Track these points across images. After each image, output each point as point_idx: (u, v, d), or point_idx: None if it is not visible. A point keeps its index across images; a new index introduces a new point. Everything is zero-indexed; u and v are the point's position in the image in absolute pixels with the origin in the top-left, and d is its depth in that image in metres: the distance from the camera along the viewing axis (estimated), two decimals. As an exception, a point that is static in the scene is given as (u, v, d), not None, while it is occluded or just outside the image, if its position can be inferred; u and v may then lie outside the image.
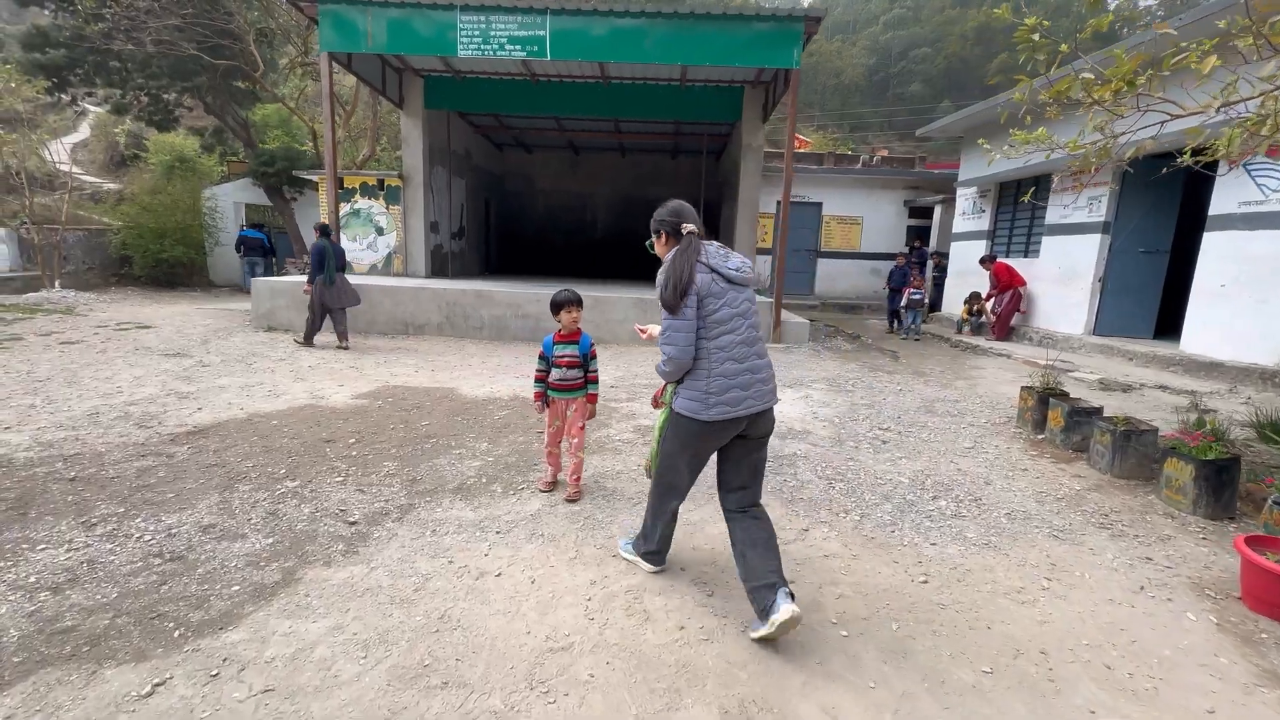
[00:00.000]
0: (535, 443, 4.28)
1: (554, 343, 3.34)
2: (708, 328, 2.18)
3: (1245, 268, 6.04)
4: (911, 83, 60.03)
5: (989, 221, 10.31)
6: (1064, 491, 3.69)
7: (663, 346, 2.21)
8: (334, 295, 7.49)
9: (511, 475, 3.69)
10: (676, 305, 2.17)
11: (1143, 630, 2.30)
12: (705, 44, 8.14)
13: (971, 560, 2.80)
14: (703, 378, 2.18)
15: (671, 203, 2.39)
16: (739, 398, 2.16)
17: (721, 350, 2.17)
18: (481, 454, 4.04)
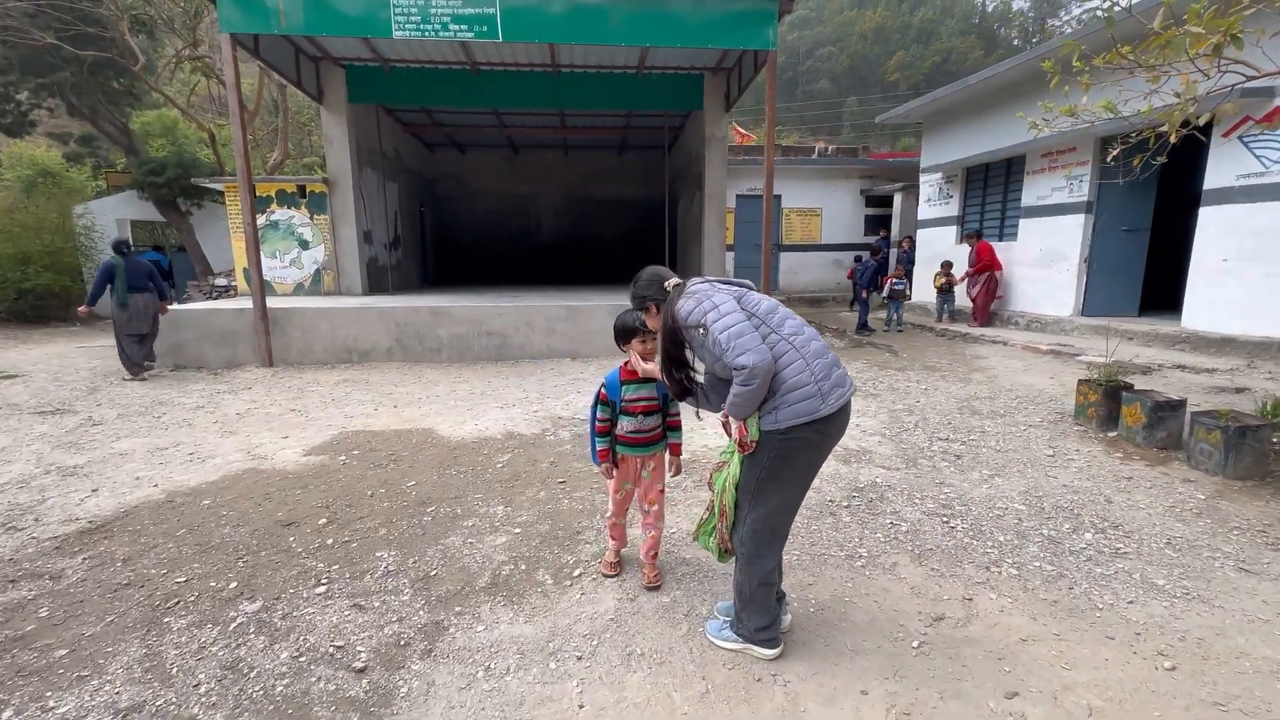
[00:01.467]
0: (564, 498, 3.40)
1: (622, 381, 2.41)
2: (764, 319, 1.90)
3: (1249, 241, 6.00)
4: (819, 80, 62.36)
5: (958, 206, 10.22)
6: (1191, 503, 3.23)
7: (735, 361, 1.77)
8: (124, 320, 6.59)
9: (556, 553, 2.80)
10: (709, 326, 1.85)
11: None
12: (674, 23, 7.41)
13: (1191, 622, 2.22)
14: (800, 367, 1.83)
15: (644, 273, 2.15)
16: (842, 376, 1.90)
17: (796, 334, 1.90)
18: (503, 523, 3.12)
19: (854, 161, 14.44)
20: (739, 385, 1.80)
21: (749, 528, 1.99)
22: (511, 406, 5.46)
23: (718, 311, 1.85)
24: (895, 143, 37.84)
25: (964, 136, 9.85)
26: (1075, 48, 3.99)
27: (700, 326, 1.86)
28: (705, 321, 1.85)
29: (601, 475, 2.60)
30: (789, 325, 1.91)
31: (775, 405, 1.84)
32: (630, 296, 2.17)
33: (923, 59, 60.38)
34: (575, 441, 4.41)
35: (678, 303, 1.96)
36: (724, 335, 1.80)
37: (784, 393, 1.82)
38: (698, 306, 1.89)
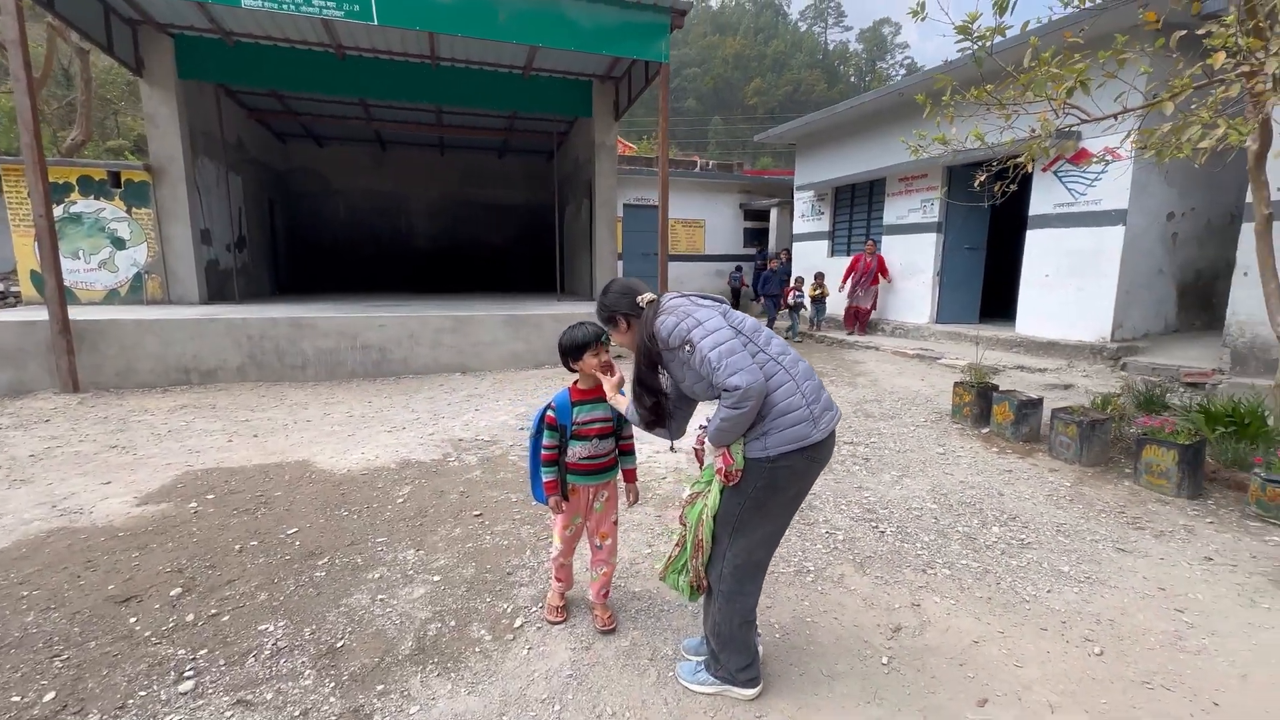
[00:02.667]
0: (485, 534, 3.04)
1: (573, 403, 2.15)
2: (750, 338, 1.77)
3: (1064, 260, 7.09)
4: (687, 98, 65.59)
5: (828, 223, 11.08)
6: (1063, 490, 3.65)
7: (727, 381, 1.61)
8: None
9: (488, 601, 2.46)
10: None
11: (1318, 659, 2.11)
12: (566, 25, 7.20)
13: (1099, 605, 2.44)
14: (791, 389, 1.72)
15: (613, 284, 1.96)
16: (829, 399, 1.80)
17: (784, 354, 1.78)
18: (417, 571, 2.69)
19: (733, 177, 15.16)
20: (729, 408, 1.64)
21: (729, 563, 1.83)
22: (402, 430, 4.88)
23: (704, 328, 1.69)
24: (756, 161, 40.65)
25: (834, 158, 10.72)
26: (948, 82, 4.41)
27: (686, 344, 1.69)
28: (691, 339, 1.68)
29: (544, 510, 2.32)
30: (775, 344, 1.80)
31: (765, 430, 1.70)
32: (597, 308, 1.95)
33: (777, 86, 65.80)
34: (484, 467, 4.01)
35: (656, 320, 1.78)
36: (714, 353, 1.64)
37: (774, 417, 1.69)
38: (680, 324, 1.72)
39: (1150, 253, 6.80)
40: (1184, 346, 6.67)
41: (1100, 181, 6.67)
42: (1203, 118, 3.33)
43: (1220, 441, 3.82)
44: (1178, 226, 6.92)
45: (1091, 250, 6.79)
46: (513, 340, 7.63)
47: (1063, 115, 4.07)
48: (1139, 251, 6.67)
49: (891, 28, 79.52)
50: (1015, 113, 4.27)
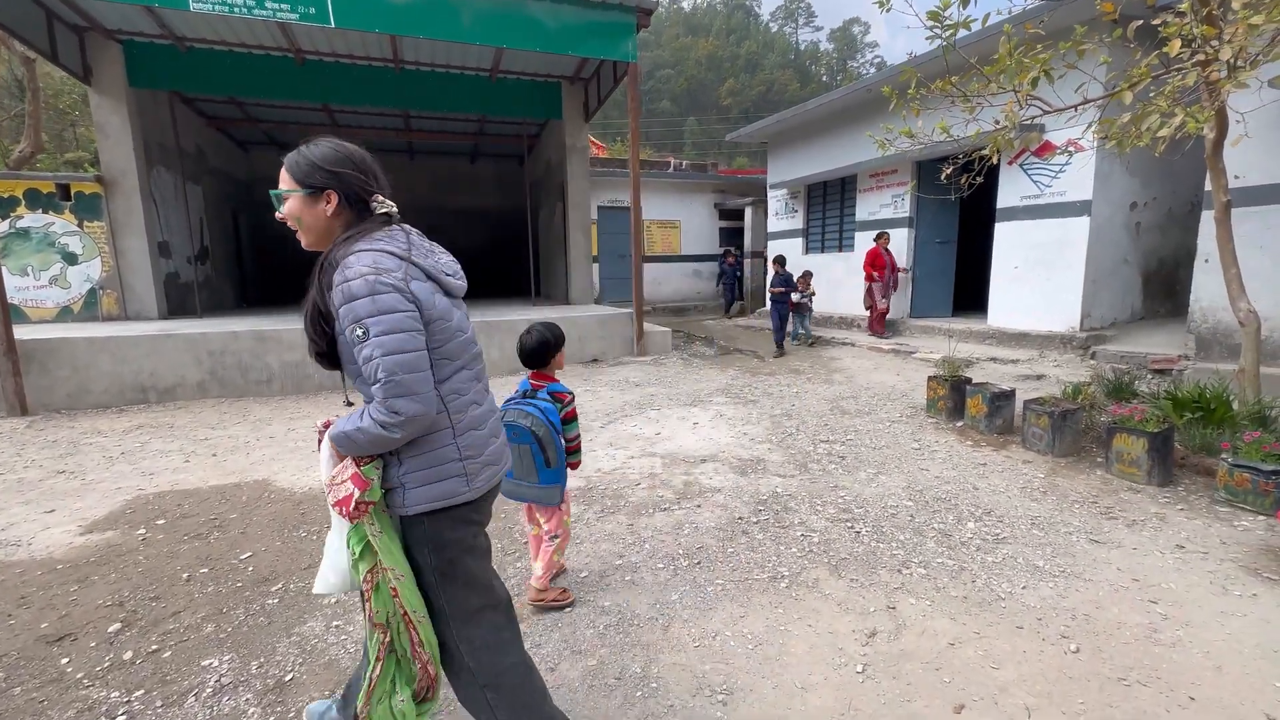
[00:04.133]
0: (451, 551, 2.91)
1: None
2: (438, 366, 1.39)
3: (1032, 252, 7.17)
4: (661, 99, 65.82)
5: (802, 220, 11.11)
6: (1036, 482, 3.64)
7: (389, 403, 1.26)
8: None
9: (450, 624, 2.34)
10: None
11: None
12: (531, 26, 7.10)
13: (1074, 600, 2.41)
14: (447, 438, 1.40)
15: (322, 144, 1.41)
16: (500, 449, 1.55)
17: (459, 395, 1.44)
18: (377, 594, 2.56)
19: (707, 176, 15.16)
20: (377, 427, 1.27)
21: (468, 653, 1.46)
22: (369, 443, 4.72)
23: (388, 321, 1.27)
24: (731, 161, 40.88)
25: (805, 156, 10.76)
26: (913, 75, 4.40)
27: (358, 327, 1.27)
28: (366, 325, 1.26)
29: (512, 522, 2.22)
30: (460, 378, 1.44)
31: (401, 478, 1.36)
32: (299, 161, 1.40)
33: (750, 87, 66.31)
34: (453, 479, 3.88)
35: (353, 270, 1.29)
36: (385, 360, 1.25)
37: (414, 460, 1.36)
38: (369, 299, 1.26)
39: (1115, 242, 6.90)
40: (1150, 334, 6.78)
41: (1064, 173, 6.76)
42: (1161, 107, 3.35)
43: (1188, 427, 3.85)
44: (1141, 216, 7.04)
45: (1058, 241, 6.87)
46: (487, 347, 7.48)
47: (1026, 106, 4.08)
48: (1104, 241, 6.77)
49: (861, 27, 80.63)
50: (979, 105, 4.29)
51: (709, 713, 1.85)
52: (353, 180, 1.40)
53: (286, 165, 1.39)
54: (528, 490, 2.31)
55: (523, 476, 2.28)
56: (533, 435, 2.21)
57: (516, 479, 2.29)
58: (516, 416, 2.23)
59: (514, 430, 2.21)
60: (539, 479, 2.26)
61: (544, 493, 2.30)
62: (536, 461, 2.23)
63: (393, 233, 1.42)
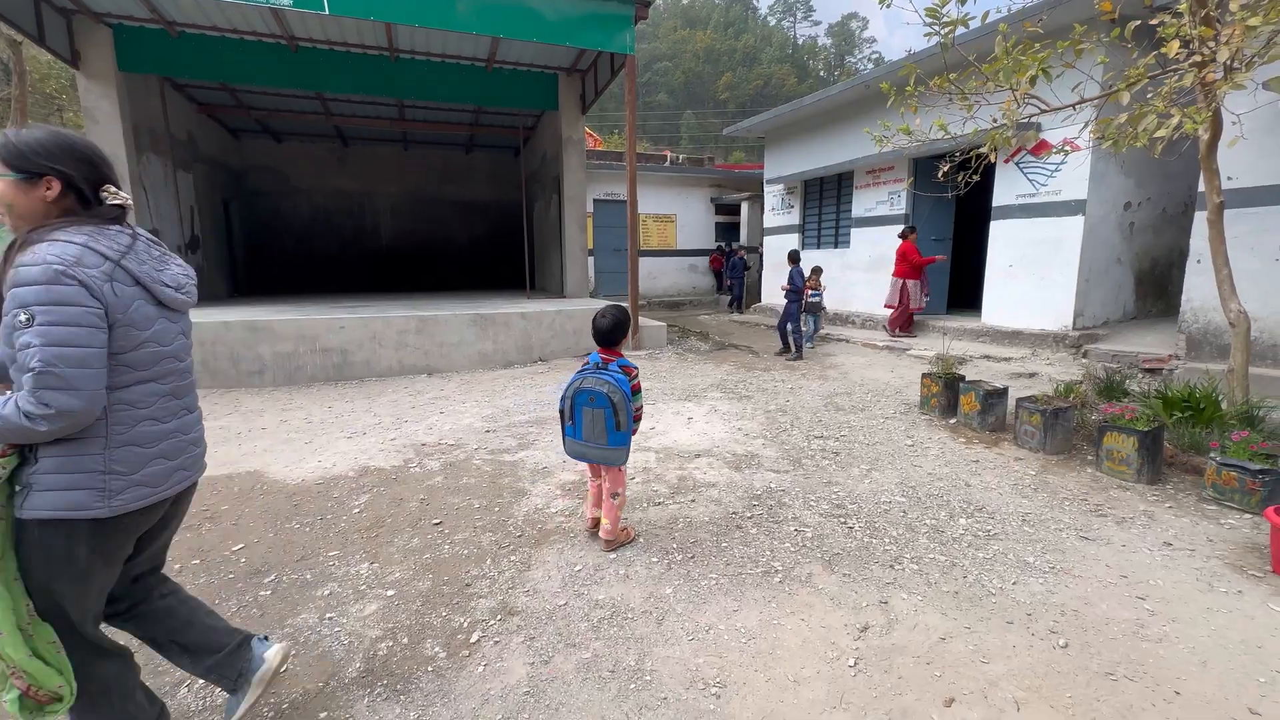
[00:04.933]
0: (444, 544, 2.92)
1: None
2: (115, 371, 1.37)
3: (1027, 250, 7.20)
4: (658, 92, 65.54)
5: (798, 216, 11.10)
6: (1028, 479, 3.67)
7: (39, 394, 1.23)
8: None
9: (444, 615, 2.34)
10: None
11: (1263, 636, 2.13)
12: (528, 16, 7.04)
13: (1063, 595, 2.44)
14: (96, 446, 1.36)
15: (39, 130, 1.36)
16: (164, 472, 1.49)
17: (133, 407, 1.41)
18: (370, 586, 2.56)
19: (704, 171, 15.12)
20: (19, 416, 1.24)
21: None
22: (362, 435, 4.71)
23: (60, 313, 1.25)
24: (728, 155, 40.80)
25: (802, 152, 10.74)
26: (913, 70, 4.40)
27: (22, 312, 1.23)
28: (33, 311, 1.23)
29: (505, 518, 2.22)
30: (138, 391, 1.42)
31: (31, 479, 1.32)
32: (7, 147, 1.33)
33: (748, 81, 66.08)
34: (446, 472, 3.88)
35: (37, 256, 1.26)
36: (45, 350, 1.23)
37: (56, 463, 1.33)
38: (43, 287, 1.24)
39: (1109, 242, 6.94)
40: (1142, 333, 6.83)
41: (1060, 172, 6.79)
42: (1157, 107, 3.36)
43: (1177, 426, 3.89)
44: (1134, 215, 7.08)
45: (1053, 240, 6.90)
46: (480, 340, 7.46)
47: (1024, 105, 4.09)
48: (1098, 240, 6.81)
49: (859, 22, 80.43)
50: (977, 103, 4.29)
51: (702, 705, 1.87)
52: (77, 169, 1.37)
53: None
54: (594, 451, 2.63)
55: (592, 439, 2.60)
56: (609, 400, 2.53)
57: (585, 441, 2.62)
58: (595, 384, 2.56)
59: (591, 395, 2.56)
60: (608, 441, 2.58)
61: (611, 454, 2.62)
62: (608, 424, 2.55)
63: (109, 231, 1.39)
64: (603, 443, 2.59)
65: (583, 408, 2.59)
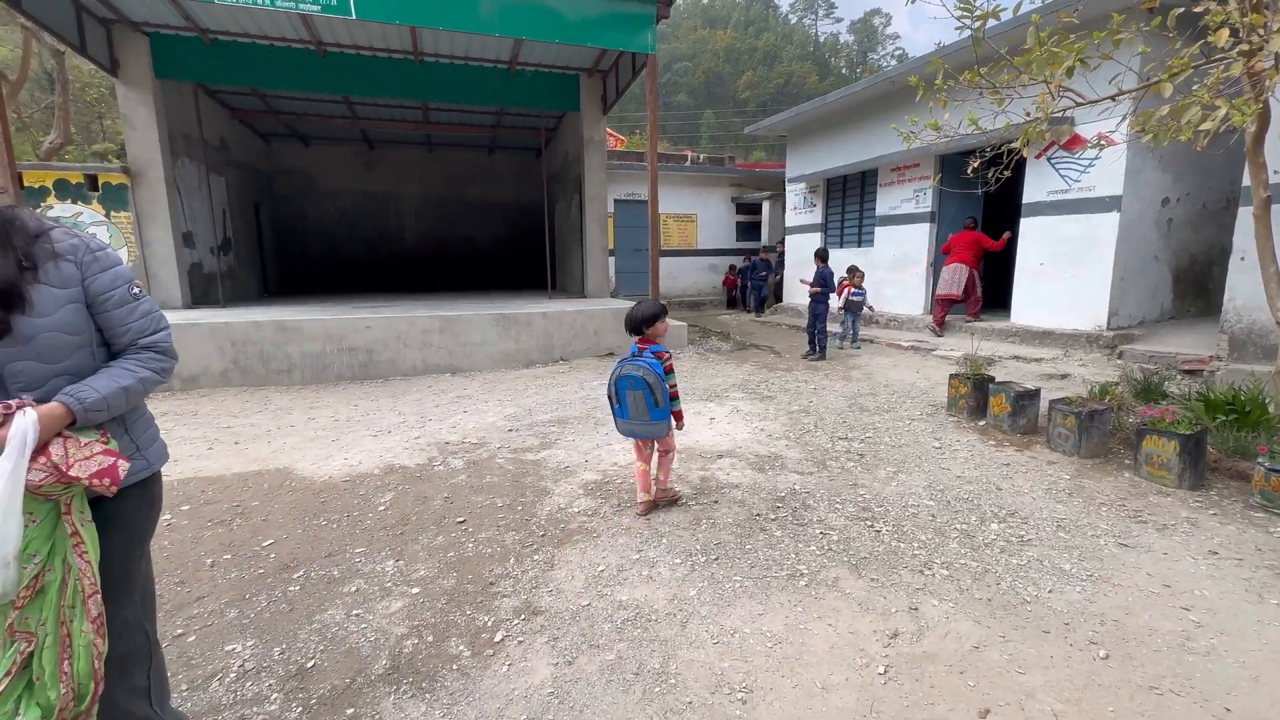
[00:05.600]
0: (468, 542, 2.93)
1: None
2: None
3: (1059, 248, 7.01)
4: (678, 92, 65.41)
5: (820, 215, 10.97)
6: (1062, 484, 3.56)
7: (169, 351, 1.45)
8: None
9: (468, 614, 2.35)
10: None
11: (1331, 658, 2.03)
12: (550, 17, 7.07)
13: (1103, 604, 2.35)
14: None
15: None
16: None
17: None
18: (395, 583, 2.59)
19: (725, 170, 15.04)
20: (157, 375, 1.38)
21: (145, 641, 1.41)
22: (387, 434, 4.77)
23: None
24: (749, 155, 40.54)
25: (825, 150, 10.62)
26: (940, 65, 4.31)
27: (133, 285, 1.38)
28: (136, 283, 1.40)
29: (528, 517, 2.23)
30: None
31: (141, 434, 1.45)
32: None
33: (768, 79, 65.64)
34: (470, 471, 3.91)
35: (92, 241, 1.36)
36: (158, 313, 1.43)
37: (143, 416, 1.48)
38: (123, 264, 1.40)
39: (1145, 239, 6.72)
40: (1180, 333, 6.60)
41: (1094, 168, 6.59)
42: (1202, 98, 3.24)
43: (1221, 430, 3.74)
44: (1172, 212, 6.85)
45: (1086, 237, 6.70)
46: (503, 340, 7.51)
47: (1059, 97, 3.97)
48: (1134, 238, 6.60)
49: (882, 18, 79.32)
50: (1010, 97, 4.18)
51: (728, 710, 1.84)
52: None
53: None
54: (640, 428, 3.03)
55: (637, 417, 2.99)
56: (645, 382, 2.90)
57: (631, 419, 3.01)
58: (632, 370, 2.93)
59: (630, 380, 2.93)
60: (650, 417, 2.96)
61: (655, 428, 3.01)
62: (648, 403, 2.93)
63: None
64: (646, 419, 2.98)
65: (625, 391, 2.97)
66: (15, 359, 1.22)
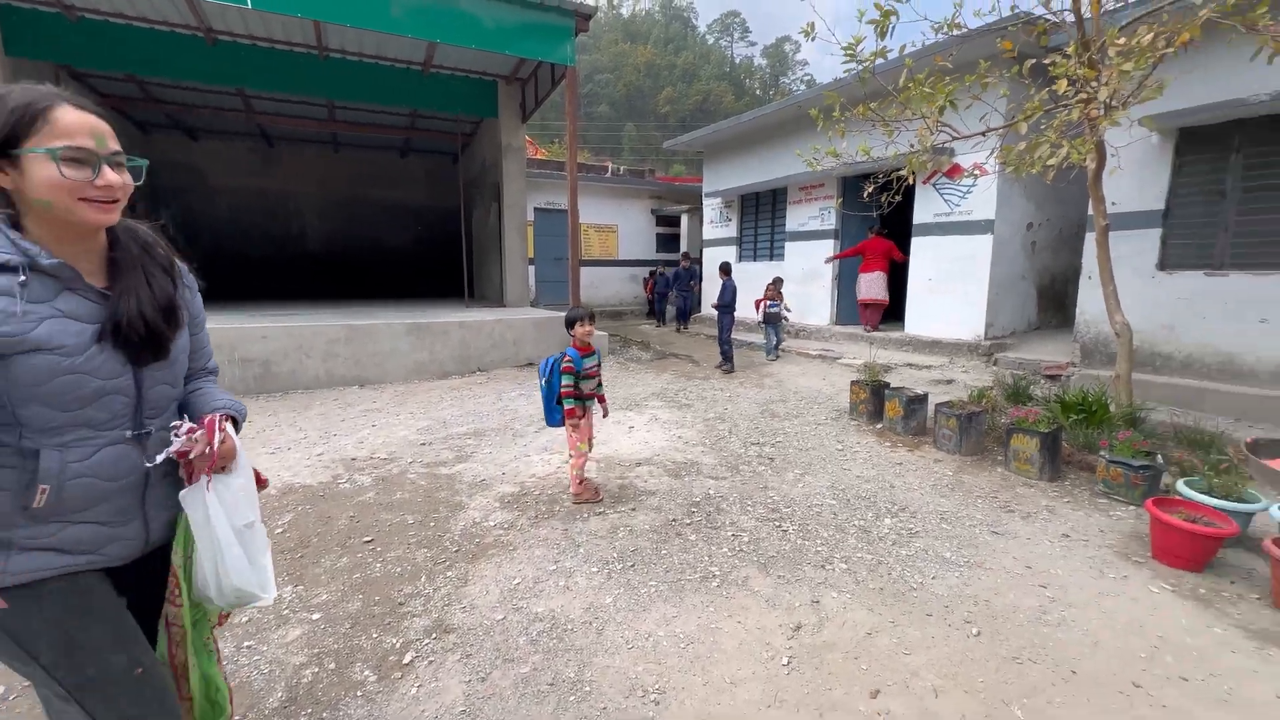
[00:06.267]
0: (375, 563, 2.81)
1: (581, 356, 3.37)
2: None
3: (944, 265, 7.71)
4: (600, 103, 66.03)
5: (735, 229, 11.43)
6: (945, 480, 3.92)
7: None
8: None
9: (375, 637, 2.26)
10: None
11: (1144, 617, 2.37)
12: (466, 22, 6.95)
13: (977, 587, 2.62)
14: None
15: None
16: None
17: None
18: (294, 610, 2.43)
19: (645, 183, 15.31)
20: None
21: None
22: (286, 450, 4.46)
23: None
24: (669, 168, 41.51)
25: (739, 167, 11.09)
26: (835, 99, 4.66)
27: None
28: None
29: (442, 533, 2.16)
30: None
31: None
32: None
33: (688, 96, 67.59)
34: (378, 487, 3.74)
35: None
36: None
37: None
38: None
39: (1014, 259, 7.54)
40: (1044, 342, 7.44)
41: (971, 194, 7.33)
42: (1050, 138, 3.71)
43: (1074, 428, 4.26)
44: (1036, 235, 7.73)
45: (967, 256, 7.43)
46: (416, 350, 7.23)
47: (936, 132, 4.41)
48: (1005, 257, 7.39)
49: (792, 45, 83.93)
50: (897, 129, 4.59)
51: (641, 713, 1.88)
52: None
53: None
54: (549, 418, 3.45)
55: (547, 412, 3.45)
56: (542, 381, 3.39)
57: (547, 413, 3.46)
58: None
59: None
60: (544, 409, 3.44)
61: (550, 419, 3.44)
62: (544, 399, 3.42)
63: None
64: (548, 416, 3.44)
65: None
66: (158, 382, 1.19)
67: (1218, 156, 5.11)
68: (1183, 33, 3.01)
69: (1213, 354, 5.16)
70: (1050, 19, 4.18)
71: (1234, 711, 1.89)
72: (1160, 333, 5.44)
